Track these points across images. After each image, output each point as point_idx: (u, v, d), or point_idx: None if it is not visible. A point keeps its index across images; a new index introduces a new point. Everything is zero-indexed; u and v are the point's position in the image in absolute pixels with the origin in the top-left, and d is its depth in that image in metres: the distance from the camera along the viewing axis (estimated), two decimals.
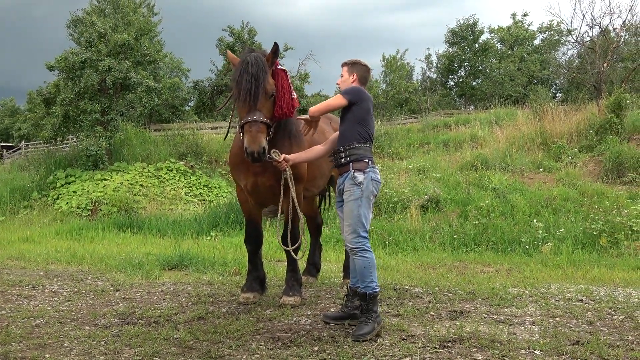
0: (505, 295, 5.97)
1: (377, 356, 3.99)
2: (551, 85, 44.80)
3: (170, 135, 23.32)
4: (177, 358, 4.00)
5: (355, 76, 4.89)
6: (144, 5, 35.55)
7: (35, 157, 23.09)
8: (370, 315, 4.49)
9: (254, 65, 4.83)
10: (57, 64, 19.64)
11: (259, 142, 4.65)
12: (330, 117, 6.78)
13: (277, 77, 5.07)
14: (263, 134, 4.72)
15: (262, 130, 4.72)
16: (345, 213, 4.60)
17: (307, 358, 3.97)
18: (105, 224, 13.96)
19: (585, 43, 24.35)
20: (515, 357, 3.95)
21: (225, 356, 4.03)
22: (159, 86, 22.02)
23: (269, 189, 5.36)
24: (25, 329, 4.75)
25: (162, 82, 29.59)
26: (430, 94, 43.36)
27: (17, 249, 10.40)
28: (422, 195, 12.57)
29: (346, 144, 4.72)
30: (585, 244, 9.59)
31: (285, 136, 5.29)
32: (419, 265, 8.54)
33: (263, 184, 5.34)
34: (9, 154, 33.82)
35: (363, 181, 4.60)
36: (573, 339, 4.36)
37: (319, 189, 6.37)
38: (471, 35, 45.64)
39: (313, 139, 5.67)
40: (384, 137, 22.24)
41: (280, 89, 5.03)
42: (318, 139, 5.84)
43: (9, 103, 63.09)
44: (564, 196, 11.93)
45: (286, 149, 5.22)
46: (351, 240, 4.55)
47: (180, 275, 7.55)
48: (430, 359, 3.93)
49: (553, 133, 16.54)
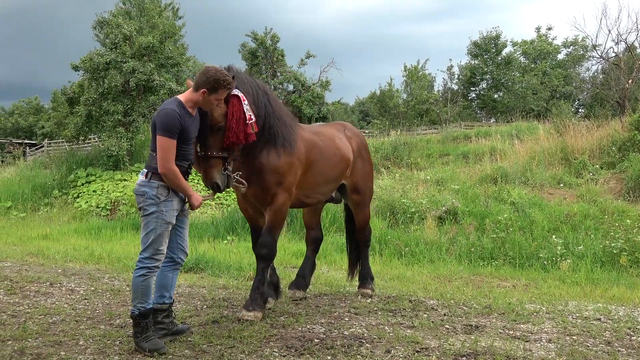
0: (522, 311, 5.90)
1: None
2: (574, 100, 44.42)
3: None
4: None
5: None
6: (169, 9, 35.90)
7: (58, 156, 23.37)
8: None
9: None
10: (82, 65, 19.88)
11: (211, 177, 4.73)
12: (344, 125, 6.73)
13: (229, 105, 4.78)
14: (215, 168, 4.73)
15: (214, 165, 4.73)
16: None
17: None
18: (123, 224, 14.07)
19: (610, 59, 24.12)
20: None
21: None
22: (182, 89, 22.14)
23: (256, 197, 5.32)
24: (42, 326, 4.80)
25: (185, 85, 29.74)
26: (451, 105, 43.15)
27: (36, 246, 10.53)
28: (439, 207, 12.49)
29: None
30: (605, 262, 9.45)
31: (271, 148, 5.21)
32: (435, 277, 8.49)
33: (250, 193, 5.27)
34: (32, 152, 34.27)
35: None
36: (590, 358, 4.30)
37: (324, 196, 6.19)
38: (494, 48, 45.39)
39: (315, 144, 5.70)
40: (403, 147, 22.15)
41: (231, 118, 4.75)
42: (327, 146, 5.87)
43: (34, 101, 63.98)
44: (584, 213, 11.78)
45: (274, 160, 5.20)
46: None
47: (196, 278, 7.58)
48: None
49: (574, 149, 16.34)
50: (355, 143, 6.47)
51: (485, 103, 46.32)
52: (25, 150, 34.18)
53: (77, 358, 4.02)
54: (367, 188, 6.63)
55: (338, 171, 6.05)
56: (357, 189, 6.46)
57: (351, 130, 6.66)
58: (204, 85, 4.40)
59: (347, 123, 6.98)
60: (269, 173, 5.19)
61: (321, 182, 5.91)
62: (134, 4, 32.53)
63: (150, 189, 4.31)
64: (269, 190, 5.23)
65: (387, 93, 44.39)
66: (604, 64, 26.99)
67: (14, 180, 20.32)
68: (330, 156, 5.90)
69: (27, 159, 29.03)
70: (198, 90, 4.42)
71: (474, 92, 48.22)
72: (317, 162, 5.70)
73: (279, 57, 34.66)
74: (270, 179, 5.20)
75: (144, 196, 4.31)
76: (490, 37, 45.35)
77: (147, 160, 4.49)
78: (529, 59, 46.39)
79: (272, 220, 5.35)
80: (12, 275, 7.05)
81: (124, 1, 34.28)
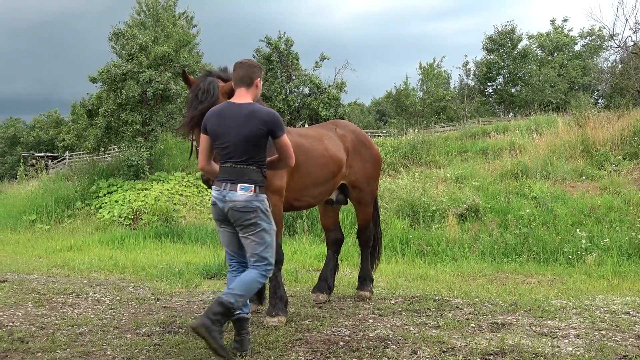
0: (548, 307, 5.83)
1: None
2: (593, 91, 43.93)
3: None
4: None
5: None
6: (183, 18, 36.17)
7: (79, 167, 23.70)
8: None
9: (205, 92, 4.75)
10: (100, 76, 20.13)
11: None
12: (336, 123, 6.53)
13: None
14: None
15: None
16: None
17: None
18: (146, 232, 14.21)
19: (628, 48, 23.78)
20: None
21: None
22: None
23: None
24: (70, 337, 4.85)
25: None
26: (468, 101, 42.90)
27: (61, 258, 10.66)
28: (460, 204, 12.42)
29: None
30: (631, 254, 9.32)
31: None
32: (459, 275, 8.43)
33: None
34: (54, 164, 34.77)
35: None
36: (620, 353, 4.23)
37: (315, 199, 5.98)
38: (509, 42, 45.03)
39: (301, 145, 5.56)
40: (422, 145, 22.07)
41: None
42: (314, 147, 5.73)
43: (54, 114, 64.95)
44: (607, 205, 11.63)
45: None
46: None
47: (220, 284, 7.62)
48: None
49: (595, 140, 16.14)
50: (350, 140, 6.21)
51: (503, 98, 45.98)
52: (47, 163, 34.66)
53: None
54: (367, 186, 6.38)
55: (328, 172, 5.86)
56: (357, 187, 6.29)
57: (344, 128, 6.40)
58: (259, 73, 4.44)
59: (341, 120, 6.79)
60: None
61: (309, 185, 5.72)
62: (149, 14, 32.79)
63: (261, 204, 4.24)
64: None
65: (403, 92, 44.30)
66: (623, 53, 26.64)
67: (37, 193, 20.63)
68: (317, 157, 5.72)
69: (49, 172, 29.47)
70: (253, 82, 4.39)
71: (491, 87, 47.90)
72: (303, 163, 5.52)
73: (293, 61, 34.74)
74: None
75: (256, 212, 4.21)
76: (505, 31, 45.02)
77: (242, 175, 4.21)
78: (546, 52, 45.98)
79: None
80: (39, 288, 7.14)
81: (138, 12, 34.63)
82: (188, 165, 20.50)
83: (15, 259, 10.54)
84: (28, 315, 5.69)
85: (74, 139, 45.30)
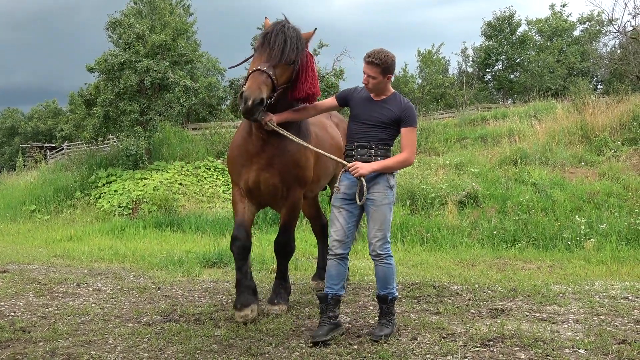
0: (548, 292, 5.86)
1: (417, 354, 3.97)
2: (592, 77, 43.79)
3: (208, 134, 23.60)
4: (219, 355, 4.05)
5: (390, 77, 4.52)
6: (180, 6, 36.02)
7: (78, 157, 23.63)
8: (391, 318, 4.46)
9: (290, 29, 4.51)
10: (97, 66, 20.04)
11: (259, 90, 4.20)
12: (331, 112, 6.20)
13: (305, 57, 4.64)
14: (267, 86, 4.27)
15: (268, 84, 4.27)
16: (376, 217, 4.35)
17: (347, 356, 3.97)
18: (145, 222, 14.22)
19: (627, 33, 23.69)
20: (559, 356, 3.88)
21: (265, 354, 4.06)
22: (196, 86, 22.25)
23: (271, 188, 4.89)
24: (71, 326, 4.87)
25: (199, 81, 29.95)
26: (467, 87, 42.78)
27: (61, 248, 10.68)
28: (460, 191, 12.41)
29: (378, 142, 4.42)
30: (630, 239, 9.34)
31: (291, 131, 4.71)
32: (458, 262, 8.46)
33: (266, 180, 4.84)
34: (53, 155, 34.68)
35: (395, 184, 4.47)
36: (619, 337, 4.26)
37: (320, 189, 6.00)
38: (508, 28, 44.85)
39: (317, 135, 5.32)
40: (420, 132, 22.02)
41: (306, 68, 4.62)
42: (324, 136, 5.54)
43: (52, 104, 64.73)
44: (606, 191, 11.64)
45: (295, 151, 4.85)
46: (380, 246, 4.35)
47: (220, 272, 7.64)
48: (472, 358, 3.89)
49: (595, 126, 16.10)
50: (342, 129, 5.97)
51: (502, 84, 45.89)
52: (46, 153, 34.60)
53: (107, 357, 4.08)
54: None
55: (335, 162, 5.46)
56: None
57: (337, 116, 6.34)
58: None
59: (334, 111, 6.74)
60: (291, 164, 4.84)
61: (322, 176, 5.54)
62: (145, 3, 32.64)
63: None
64: (287, 183, 4.89)
65: (401, 79, 44.15)
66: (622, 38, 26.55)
67: (36, 183, 20.60)
68: (328, 147, 5.34)
69: (48, 162, 29.42)
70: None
71: (490, 73, 47.80)
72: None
73: None
74: (292, 171, 4.86)
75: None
76: (504, 17, 44.85)
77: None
78: (544, 37, 45.80)
79: (290, 217, 5.12)
80: (40, 278, 7.16)
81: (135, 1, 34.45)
82: (187, 154, 20.50)
83: (15, 249, 10.55)
84: (29, 305, 5.71)
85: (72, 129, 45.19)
